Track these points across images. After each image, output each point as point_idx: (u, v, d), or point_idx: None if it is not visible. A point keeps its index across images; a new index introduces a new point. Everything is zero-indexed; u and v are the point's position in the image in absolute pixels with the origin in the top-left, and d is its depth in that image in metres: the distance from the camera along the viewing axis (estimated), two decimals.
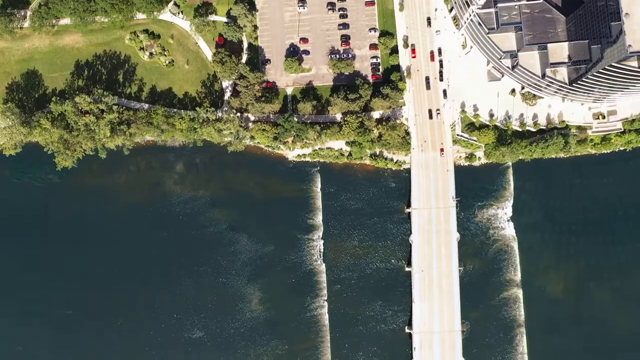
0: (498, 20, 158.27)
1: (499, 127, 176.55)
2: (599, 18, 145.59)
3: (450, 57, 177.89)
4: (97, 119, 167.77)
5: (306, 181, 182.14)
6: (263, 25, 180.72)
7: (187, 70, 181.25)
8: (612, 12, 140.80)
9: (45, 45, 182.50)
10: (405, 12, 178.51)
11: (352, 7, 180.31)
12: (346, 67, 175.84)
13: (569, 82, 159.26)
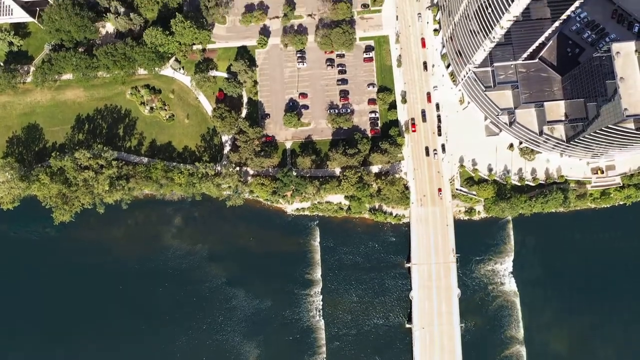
0: (495, 79, 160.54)
1: (498, 182, 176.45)
2: (594, 77, 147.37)
3: (448, 112, 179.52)
4: (96, 174, 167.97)
5: (305, 235, 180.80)
6: (263, 81, 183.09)
7: (187, 125, 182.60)
8: (606, 72, 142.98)
9: (47, 99, 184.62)
10: (403, 68, 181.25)
11: (350, 63, 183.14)
12: (345, 122, 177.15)
13: (566, 139, 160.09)
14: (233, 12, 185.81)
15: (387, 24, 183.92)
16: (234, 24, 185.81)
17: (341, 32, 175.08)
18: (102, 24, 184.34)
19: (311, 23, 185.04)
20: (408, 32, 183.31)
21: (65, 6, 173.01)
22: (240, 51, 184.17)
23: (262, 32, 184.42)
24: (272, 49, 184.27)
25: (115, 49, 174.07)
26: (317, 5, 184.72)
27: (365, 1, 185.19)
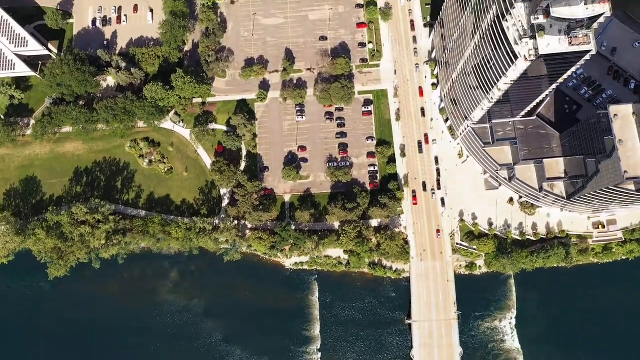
0: (493, 136, 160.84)
1: (498, 236, 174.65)
2: (592, 134, 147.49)
3: (447, 165, 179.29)
4: (93, 229, 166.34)
5: (303, 290, 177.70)
6: (262, 134, 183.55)
7: (186, 178, 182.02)
8: (604, 128, 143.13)
9: (45, 152, 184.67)
10: (401, 121, 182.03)
11: (349, 116, 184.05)
12: (344, 176, 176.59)
13: (566, 196, 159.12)
14: (233, 66, 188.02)
15: (385, 78, 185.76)
16: (233, 78, 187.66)
17: (340, 87, 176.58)
18: (103, 77, 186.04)
19: (310, 77, 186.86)
20: (406, 86, 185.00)
21: (67, 61, 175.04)
22: (240, 104, 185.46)
23: (262, 86, 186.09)
24: (272, 103, 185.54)
25: (116, 103, 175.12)
26: (316, 60, 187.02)
27: (363, 55, 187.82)
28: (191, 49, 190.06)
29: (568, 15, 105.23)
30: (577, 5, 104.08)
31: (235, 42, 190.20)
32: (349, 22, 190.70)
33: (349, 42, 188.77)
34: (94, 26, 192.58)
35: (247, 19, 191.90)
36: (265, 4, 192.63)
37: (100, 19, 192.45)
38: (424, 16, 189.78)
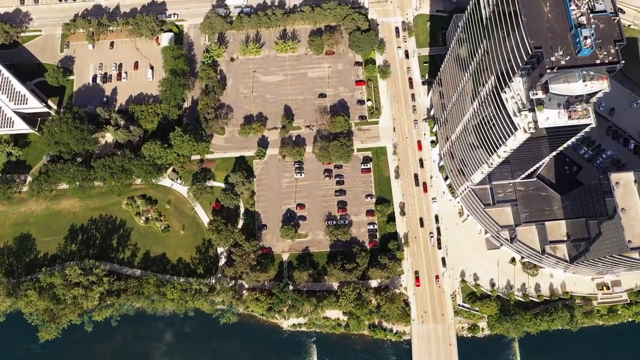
0: (494, 197, 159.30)
1: (501, 297, 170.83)
2: (593, 196, 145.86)
3: (448, 224, 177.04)
4: (86, 291, 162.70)
5: (301, 353, 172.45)
6: (260, 191, 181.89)
7: (183, 236, 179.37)
8: (605, 190, 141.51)
9: (41, 209, 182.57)
10: (400, 179, 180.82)
11: (348, 174, 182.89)
12: (343, 235, 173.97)
13: (569, 259, 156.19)
14: (232, 122, 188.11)
15: (384, 136, 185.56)
16: (232, 135, 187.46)
17: (339, 145, 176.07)
18: (102, 134, 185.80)
19: (309, 134, 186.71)
20: (405, 143, 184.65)
21: (66, 119, 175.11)
22: (239, 161, 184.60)
23: (261, 143, 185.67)
24: (270, 160, 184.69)
25: (113, 162, 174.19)
26: (315, 117, 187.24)
27: (362, 113, 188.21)
28: (190, 105, 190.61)
29: (567, 92, 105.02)
30: (575, 82, 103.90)
31: (234, 99, 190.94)
32: (347, 80, 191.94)
33: (348, 99, 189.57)
34: (94, 83, 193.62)
35: (246, 76, 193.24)
36: (264, 61, 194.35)
37: (101, 76, 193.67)
38: (422, 74, 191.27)
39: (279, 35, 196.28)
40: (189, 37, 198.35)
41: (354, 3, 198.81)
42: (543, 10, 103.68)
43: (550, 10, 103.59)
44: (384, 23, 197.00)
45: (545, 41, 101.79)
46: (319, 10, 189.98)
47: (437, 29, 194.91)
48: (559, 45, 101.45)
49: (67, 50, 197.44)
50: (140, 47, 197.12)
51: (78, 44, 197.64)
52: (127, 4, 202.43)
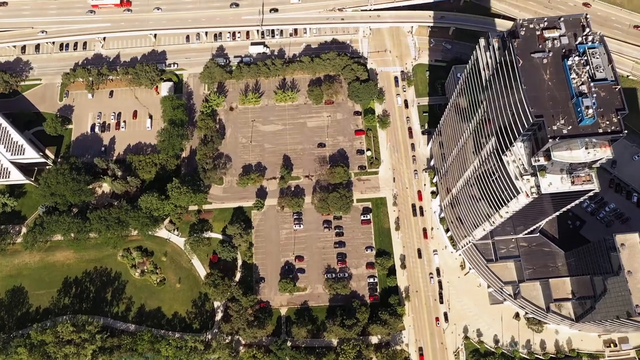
0: (496, 253, 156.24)
1: (505, 355, 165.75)
2: (598, 254, 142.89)
3: (449, 277, 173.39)
4: (78, 348, 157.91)
5: None
6: (258, 242, 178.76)
7: (178, 290, 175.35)
8: (609, 246, 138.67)
9: (35, 261, 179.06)
10: (401, 231, 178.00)
11: (348, 225, 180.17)
12: (342, 288, 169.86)
13: (575, 317, 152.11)
14: (230, 172, 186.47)
15: (384, 186, 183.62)
16: (231, 185, 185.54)
17: (338, 196, 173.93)
18: (99, 184, 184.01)
19: (308, 184, 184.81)
20: (405, 194, 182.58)
21: (63, 171, 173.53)
22: (237, 212, 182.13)
23: (259, 194, 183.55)
24: (269, 210, 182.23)
25: (109, 213, 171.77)
26: (314, 167, 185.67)
27: (362, 162, 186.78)
28: (189, 155, 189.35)
29: (569, 160, 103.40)
30: (578, 150, 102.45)
31: (233, 148, 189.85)
32: (347, 129, 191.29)
33: (347, 149, 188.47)
34: (93, 132, 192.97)
35: (245, 125, 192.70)
36: (263, 111, 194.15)
37: (99, 125, 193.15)
38: (422, 123, 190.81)
39: (278, 85, 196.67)
40: (188, 86, 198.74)
41: (353, 53, 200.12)
42: (543, 78, 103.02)
43: (550, 78, 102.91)
44: (383, 72, 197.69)
45: (546, 109, 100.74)
46: (318, 61, 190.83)
47: (436, 79, 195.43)
48: (560, 113, 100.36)
49: (67, 99, 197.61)
50: (139, 96, 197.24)
51: (77, 93, 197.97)
52: (128, 53, 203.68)
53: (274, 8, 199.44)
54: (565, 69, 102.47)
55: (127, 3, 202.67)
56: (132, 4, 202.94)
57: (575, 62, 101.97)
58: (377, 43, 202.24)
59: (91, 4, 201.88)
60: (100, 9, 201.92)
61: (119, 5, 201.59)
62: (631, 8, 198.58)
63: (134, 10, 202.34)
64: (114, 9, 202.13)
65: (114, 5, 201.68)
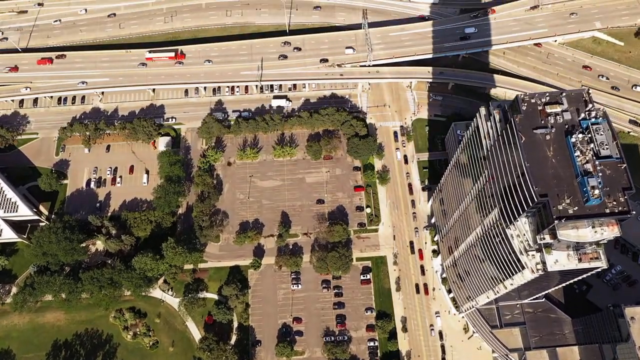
0: (501, 319, 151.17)
1: None
2: (606, 322, 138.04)
3: (453, 341, 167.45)
4: None
5: None
6: (255, 303, 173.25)
7: (172, 353, 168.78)
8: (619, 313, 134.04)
9: (24, 322, 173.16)
10: (402, 292, 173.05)
11: (347, 285, 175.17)
12: (342, 353, 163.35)
13: None
14: (227, 229, 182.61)
15: (384, 244, 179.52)
16: (227, 243, 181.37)
17: (337, 256, 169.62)
18: (92, 242, 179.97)
19: (307, 242, 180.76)
20: (406, 252, 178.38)
21: (56, 230, 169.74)
22: (233, 271, 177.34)
23: (256, 252, 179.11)
24: (266, 269, 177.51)
25: (102, 274, 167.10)
26: (313, 224, 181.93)
27: (361, 219, 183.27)
28: (185, 211, 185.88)
29: (576, 239, 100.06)
30: (585, 229, 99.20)
31: (230, 204, 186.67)
32: (346, 185, 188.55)
33: (347, 205, 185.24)
34: (88, 187, 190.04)
35: (243, 181, 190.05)
36: (262, 166, 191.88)
37: (95, 181, 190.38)
38: (422, 179, 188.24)
39: (277, 140, 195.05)
40: (186, 140, 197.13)
41: (352, 107, 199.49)
42: (546, 155, 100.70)
43: (554, 155, 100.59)
44: (382, 127, 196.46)
45: (550, 188, 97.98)
46: (317, 117, 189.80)
47: (436, 134, 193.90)
48: (565, 192, 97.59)
49: (63, 154, 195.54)
50: (136, 151, 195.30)
51: (74, 147, 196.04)
52: (126, 107, 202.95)
53: (282, 55, 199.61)
54: (569, 146, 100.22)
55: (181, 56, 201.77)
56: (185, 56, 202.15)
57: (579, 139, 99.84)
58: (376, 97, 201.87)
59: (145, 57, 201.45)
60: (154, 61, 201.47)
61: (172, 58, 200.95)
62: (630, 64, 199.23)
63: (185, 62, 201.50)
64: (167, 61, 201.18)
65: (168, 58, 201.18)
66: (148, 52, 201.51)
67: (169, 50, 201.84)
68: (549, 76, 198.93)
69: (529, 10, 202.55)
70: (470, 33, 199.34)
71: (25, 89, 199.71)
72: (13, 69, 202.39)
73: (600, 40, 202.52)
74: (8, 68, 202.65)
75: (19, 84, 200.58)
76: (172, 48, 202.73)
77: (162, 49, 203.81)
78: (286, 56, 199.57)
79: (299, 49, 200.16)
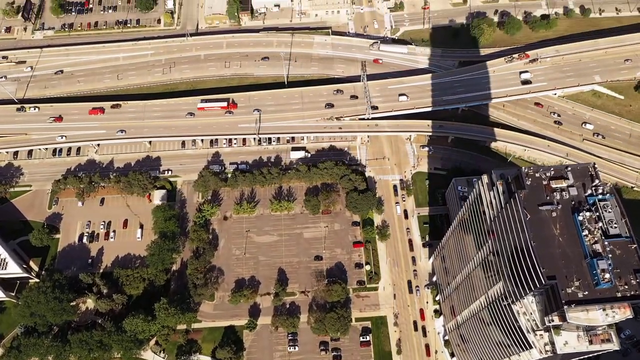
0: None
1: None
2: None
3: None
4: None
5: None
6: None
7: None
8: None
9: None
10: (403, 355, 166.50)
11: (346, 347, 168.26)
12: None
13: None
14: (222, 287, 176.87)
15: (384, 303, 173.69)
16: (222, 301, 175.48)
17: (336, 317, 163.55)
18: (83, 300, 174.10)
19: (304, 301, 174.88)
20: (407, 312, 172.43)
21: (45, 289, 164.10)
22: (228, 332, 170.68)
23: (252, 311, 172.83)
24: (262, 330, 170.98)
25: (91, 336, 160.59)
26: (310, 281, 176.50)
27: (360, 277, 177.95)
28: (179, 268, 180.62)
29: (586, 322, 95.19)
30: (595, 311, 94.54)
31: (225, 261, 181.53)
32: (345, 241, 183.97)
33: (345, 262, 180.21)
34: (80, 242, 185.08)
35: (239, 236, 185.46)
36: (258, 220, 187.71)
37: (88, 235, 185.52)
38: (422, 235, 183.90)
39: (275, 193, 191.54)
40: (182, 193, 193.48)
41: (351, 160, 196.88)
42: (553, 234, 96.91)
43: (561, 233, 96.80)
44: (381, 180, 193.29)
45: (558, 269, 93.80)
46: (316, 170, 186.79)
47: (437, 188, 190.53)
48: (574, 274, 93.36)
49: (56, 207, 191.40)
50: (131, 204, 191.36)
51: (67, 200, 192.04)
52: (122, 158, 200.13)
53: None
54: (576, 224, 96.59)
55: (233, 105, 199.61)
56: (237, 106, 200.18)
57: (587, 217, 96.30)
58: (375, 150, 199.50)
59: (197, 107, 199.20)
60: (206, 111, 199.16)
61: (225, 108, 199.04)
62: (631, 117, 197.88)
63: (235, 112, 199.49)
64: (218, 111, 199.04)
65: (220, 108, 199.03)
66: (200, 102, 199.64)
67: (222, 100, 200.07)
68: (550, 129, 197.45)
69: (528, 63, 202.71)
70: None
71: (60, 137, 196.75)
72: (57, 119, 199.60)
73: (600, 93, 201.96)
74: (52, 118, 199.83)
75: (54, 133, 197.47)
76: (225, 97, 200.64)
77: (214, 97, 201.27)
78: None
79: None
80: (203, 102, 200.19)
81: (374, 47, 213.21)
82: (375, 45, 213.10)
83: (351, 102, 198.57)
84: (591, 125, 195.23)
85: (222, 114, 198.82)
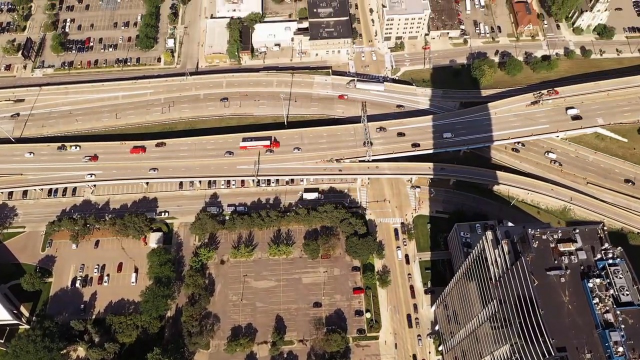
0: None
1: None
2: None
3: None
4: None
5: None
6: None
7: None
8: None
9: None
10: None
11: None
12: None
13: None
14: (218, 335, 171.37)
15: (385, 354, 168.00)
16: (218, 350, 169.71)
17: None
18: (74, 347, 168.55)
19: (302, 350, 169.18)
20: None
21: (35, 338, 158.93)
22: None
23: None
24: None
25: None
26: (309, 329, 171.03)
27: (360, 325, 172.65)
28: (174, 314, 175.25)
29: None
30: None
31: (222, 307, 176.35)
32: (344, 287, 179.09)
33: (345, 309, 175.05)
34: (73, 287, 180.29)
35: (236, 281, 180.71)
36: (256, 264, 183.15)
37: (81, 279, 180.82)
38: (424, 281, 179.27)
39: (273, 236, 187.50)
40: (178, 236, 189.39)
41: (351, 202, 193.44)
42: (562, 300, 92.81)
43: (570, 301, 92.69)
44: (382, 224, 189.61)
45: (569, 340, 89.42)
46: (315, 214, 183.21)
47: (438, 231, 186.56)
48: (585, 345, 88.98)
49: (49, 249, 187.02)
50: (126, 247, 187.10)
51: (61, 242, 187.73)
52: (118, 199, 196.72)
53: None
54: (586, 291, 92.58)
55: (275, 144, 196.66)
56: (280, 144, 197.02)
57: (597, 284, 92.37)
58: (375, 192, 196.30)
59: (240, 146, 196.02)
60: (248, 150, 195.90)
61: (267, 146, 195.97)
62: (634, 161, 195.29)
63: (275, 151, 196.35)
64: (259, 150, 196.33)
65: (263, 147, 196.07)
66: (242, 141, 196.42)
67: (265, 138, 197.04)
68: (553, 172, 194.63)
69: (529, 105, 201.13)
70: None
71: (89, 176, 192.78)
72: (93, 158, 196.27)
73: (603, 136, 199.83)
74: (88, 157, 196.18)
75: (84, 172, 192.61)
76: (267, 135, 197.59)
77: (257, 135, 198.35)
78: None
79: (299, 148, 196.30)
80: (245, 140, 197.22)
81: (350, 85, 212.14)
82: (352, 83, 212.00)
83: (351, 144, 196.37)
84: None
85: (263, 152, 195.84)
